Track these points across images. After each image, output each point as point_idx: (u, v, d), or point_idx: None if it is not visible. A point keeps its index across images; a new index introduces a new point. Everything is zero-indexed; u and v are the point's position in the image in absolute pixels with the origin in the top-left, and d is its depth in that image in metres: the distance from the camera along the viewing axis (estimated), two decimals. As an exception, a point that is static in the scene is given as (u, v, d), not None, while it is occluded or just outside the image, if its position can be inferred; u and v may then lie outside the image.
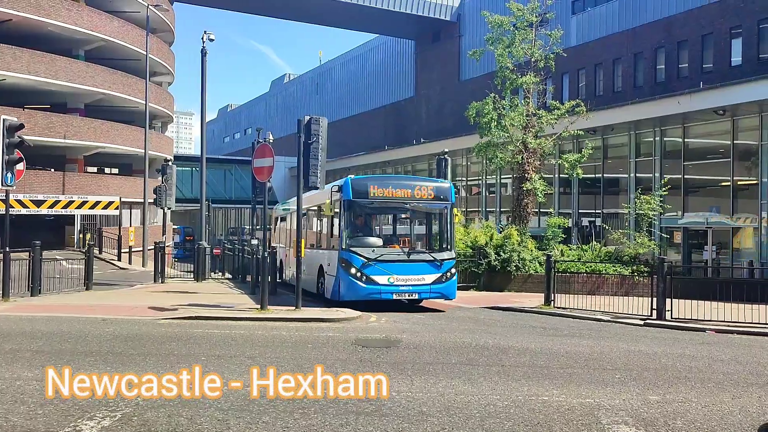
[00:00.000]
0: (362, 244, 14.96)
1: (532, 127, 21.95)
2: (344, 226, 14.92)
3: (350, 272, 14.61)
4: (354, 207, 15.22)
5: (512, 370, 8.47)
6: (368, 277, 14.61)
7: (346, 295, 14.74)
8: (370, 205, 15.65)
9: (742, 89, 24.37)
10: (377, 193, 15.14)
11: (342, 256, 14.77)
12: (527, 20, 21.62)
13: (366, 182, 15.59)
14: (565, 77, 37.49)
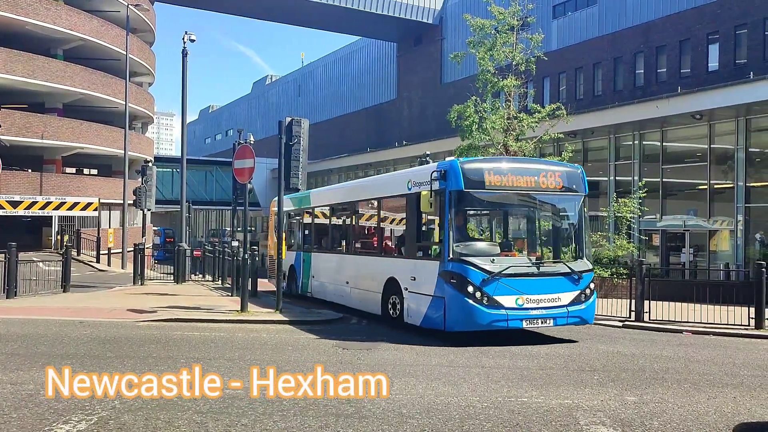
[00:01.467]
0: (476, 252, 11.01)
1: (513, 130, 22.05)
2: (450, 228, 10.85)
3: (465, 291, 10.52)
4: (465, 201, 11.32)
5: (492, 371, 8.51)
6: (490, 297, 10.56)
7: (459, 322, 10.69)
8: (487, 199, 11.68)
9: (718, 94, 24.69)
10: (495, 182, 11.12)
11: (451, 269, 10.72)
12: (509, 24, 21.72)
13: (480, 167, 11.31)
14: (546, 81, 37.73)
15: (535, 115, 21.96)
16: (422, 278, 11.56)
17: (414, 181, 12.06)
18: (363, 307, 13.97)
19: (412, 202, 11.94)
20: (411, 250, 12.21)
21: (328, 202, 17.36)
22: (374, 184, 15.06)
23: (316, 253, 17.42)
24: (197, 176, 55.48)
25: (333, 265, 16.14)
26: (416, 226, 12.05)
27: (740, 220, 25.05)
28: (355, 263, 14.82)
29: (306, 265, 17.80)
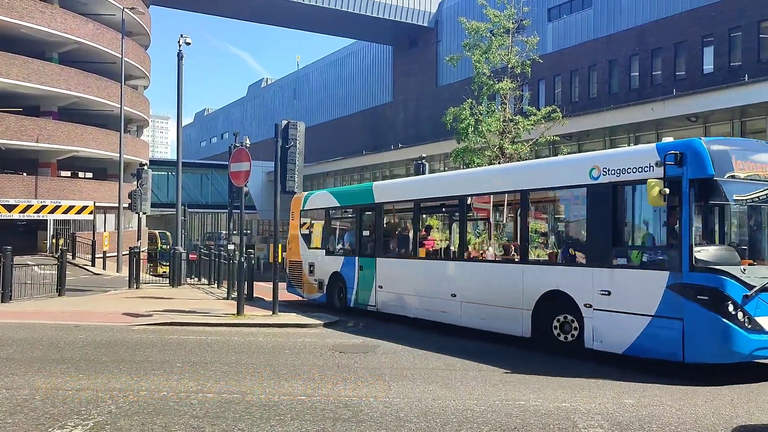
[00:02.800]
0: (723, 260, 8.38)
1: (509, 132, 22.09)
2: (690, 227, 8.39)
3: (722, 310, 8.07)
4: (713, 193, 8.51)
5: (490, 374, 8.50)
6: (752, 319, 8.16)
7: (708, 352, 8.24)
8: (738, 191, 8.70)
9: (713, 96, 24.78)
10: (745, 170, 8.65)
11: (698, 281, 8.23)
12: (504, 27, 21.77)
13: (732, 150, 8.78)
14: (541, 83, 37.82)
15: (531, 117, 22.00)
16: (628, 292, 8.99)
17: (606, 168, 9.50)
18: (486, 326, 11.42)
19: (600, 194, 9.53)
20: (600, 256, 9.50)
21: (410, 196, 14.29)
22: (513, 174, 12.05)
23: (388, 259, 14.38)
24: (193, 179, 55.38)
25: (424, 273, 13.29)
26: (611, 225, 9.41)
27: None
28: (471, 272, 12.10)
29: (366, 273, 14.74)
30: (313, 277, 16.82)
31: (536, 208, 12.04)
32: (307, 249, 17.23)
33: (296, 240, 17.78)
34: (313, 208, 17.57)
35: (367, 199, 15.44)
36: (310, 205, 17.60)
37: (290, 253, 18.05)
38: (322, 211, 17.24)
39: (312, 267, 16.92)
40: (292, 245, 17.98)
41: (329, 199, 17.07)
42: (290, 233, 18.18)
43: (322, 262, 16.56)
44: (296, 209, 17.90)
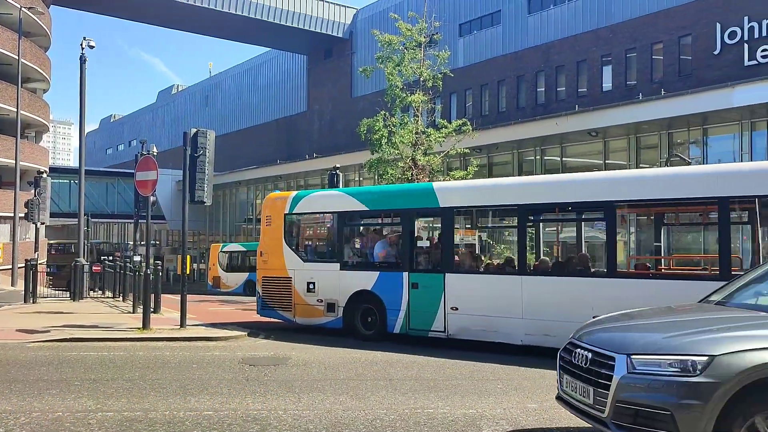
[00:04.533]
0: None
1: (422, 144, 22.49)
2: None
3: None
4: None
5: (400, 383, 8.58)
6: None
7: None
8: None
9: (612, 113, 26.18)
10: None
11: None
12: (416, 40, 22.21)
13: None
14: (453, 96, 38.76)
15: (443, 130, 22.49)
16: None
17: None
18: None
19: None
20: None
21: (510, 201, 12.08)
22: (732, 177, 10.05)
23: (470, 275, 12.25)
24: (98, 188, 53.07)
25: (546, 293, 11.06)
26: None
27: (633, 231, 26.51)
28: (631, 290, 10.05)
29: (424, 292, 12.27)
30: (315, 297, 13.69)
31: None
32: (302, 262, 14.13)
33: (278, 251, 14.39)
34: (311, 211, 14.71)
35: (425, 202, 12.85)
36: (303, 208, 14.52)
37: (266, 267, 14.74)
38: (327, 216, 14.46)
39: (312, 285, 13.76)
40: (270, 257, 14.59)
41: (345, 201, 14.06)
42: (265, 242, 14.88)
43: (332, 278, 13.50)
44: (275, 213, 14.71)
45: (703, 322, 5.51)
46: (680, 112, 23.84)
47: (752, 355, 4.57)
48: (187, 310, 13.95)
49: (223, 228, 53.61)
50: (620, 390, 4.80)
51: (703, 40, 27.79)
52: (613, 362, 4.91)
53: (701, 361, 4.60)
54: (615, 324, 5.82)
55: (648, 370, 4.76)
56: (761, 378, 4.52)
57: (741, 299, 5.95)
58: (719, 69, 26.70)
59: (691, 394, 4.56)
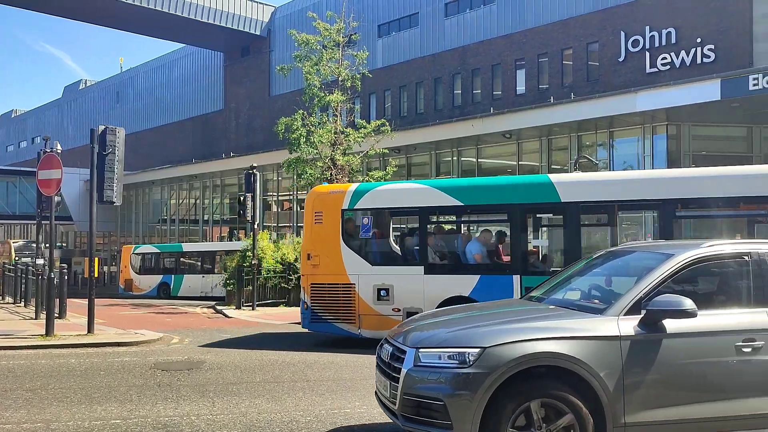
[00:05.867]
0: None
1: (340, 144, 22.47)
2: None
3: None
4: None
5: (317, 384, 8.53)
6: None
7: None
8: None
9: (525, 115, 27.05)
10: None
11: None
12: (334, 40, 22.17)
13: None
14: (372, 97, 38.96)
15: (362, 130, 22.55)
16: None
17: None
18: None
19: None
20: None
21: (648, 195, 11.03)
22: None
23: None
24: (-3, 187, 50.11)
25: None
26: None
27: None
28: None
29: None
30: (390, 306, 11.93)
31: None
32: (369, 266, 12.29)
33: (335, 253, 12.42)
34: (381, 207, 12.73)
35: (541, 197, 11.64)
36: (369, 203, 12.56)
37: (316, 272, 12.49)
38: (404, 212, 13.17)
39: (385, 292, 12.00)
40: (323, 261, 12.48)
41: (433, 195, 12.30)
42: (314, 244, 12.70)
43: (414, 284, 11.85)
44: (329, 209, 12.67)
45: (493, 316, 5.74)
46: (588, 115, 24.91)
47: (521, 346, 4.81)
48: (96, 315, 13.37)
49: (136, 229, 51.74)
50: (407, 382, 4.96)
51: (609, 48, 29.14)
52: (405, 356, 5.08)
53: (474, 353, 4.81)
54: (424, 321, 6.03)
55: (431, 362, 4.95)
56: (529, 367, 4.78)
57: (554, 294, 6.19)
58: (624, 75, 28.08)
59: (462, 385, 4.77)
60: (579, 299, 5.98)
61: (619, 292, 5.43)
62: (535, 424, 4.80)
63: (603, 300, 5.59)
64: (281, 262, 21.49)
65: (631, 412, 4.86)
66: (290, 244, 22.71)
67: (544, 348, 4.85)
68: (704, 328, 5.08)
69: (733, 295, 5.54)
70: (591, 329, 4.99)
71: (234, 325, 16.51)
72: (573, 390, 4.85)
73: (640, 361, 4.93)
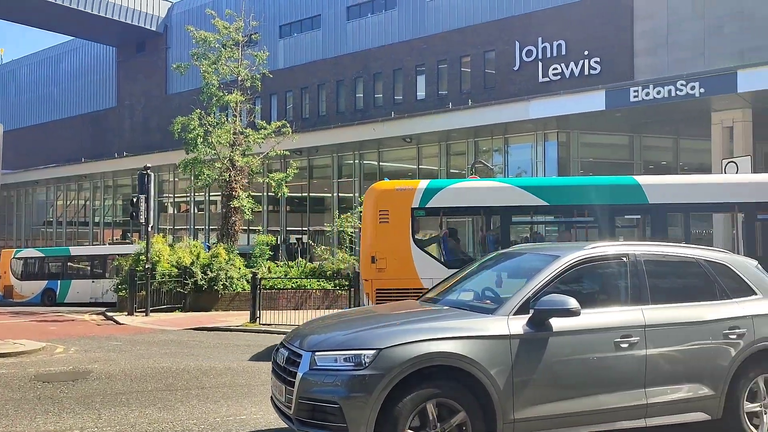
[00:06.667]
0: None
1: (240, 145, 22.06)
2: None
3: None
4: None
5: (212, 391, 8.30)
6: None
7: None
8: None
9: (424, 120, 27.59)
10: None
11: None
12: (234, 39, 21.74)
13: None
14: (273, 98, 38.47)
15: (262, 131, 22.24)
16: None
17: None
18: None
19: None
20: None
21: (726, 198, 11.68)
22: None
23: None
24: None
25: None
26: None
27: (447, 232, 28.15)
28: None
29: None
30: None
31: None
32: (444, 269, 11.05)
33: (405, 255, 11.46)
34: (457, 205, 12.01)
35: (628, 198, 11.79)
36: (443, 201, 11.79)
37: (383, 277, 11.28)
38: (485, 211, 12.21)
39: None
40: (390, 264, 11.38)
41: (515, 194, 11.86)
42: (379, 245, 11.53)
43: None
44: (396, 207, 11.69)
45: (390, 317, 5.77)
46: (485, 122, 25.75)
47: (416, 347, 4.88)
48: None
49: (18, 232, 48.47)
50: (302, 386, 4.94)
51: (504, 57, 30.24)
52: (300, 359, 5.07)
53: (369, 355, 4.84)
54: (321, 323, 6.09)
55: (327, 365, 4.94)
56: (423, 368, 4.87)
57: (449, 296, 6.30)
58: (518, 84, 29.23)
59: (358, 387, 4.78)
60: (472, 300, 6.15)
61: (509, 292, 5.62)
62: (430, 423, 4.88)
63: (494, 300, 5.78)
64: (177, 266, 20.76)
65: (520, 408, 5.05)
66: (186, 248, 22.00)
67: (437, 348, 4.94)
68: (587, 325, 5.36)
69: (613, 294, 5.87)
70: (482, 329, 5.14)
71: (125, 332, 15.79)
72: (465, 388, 4.97)
73: (528, 358, 5.13)
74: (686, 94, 19.79)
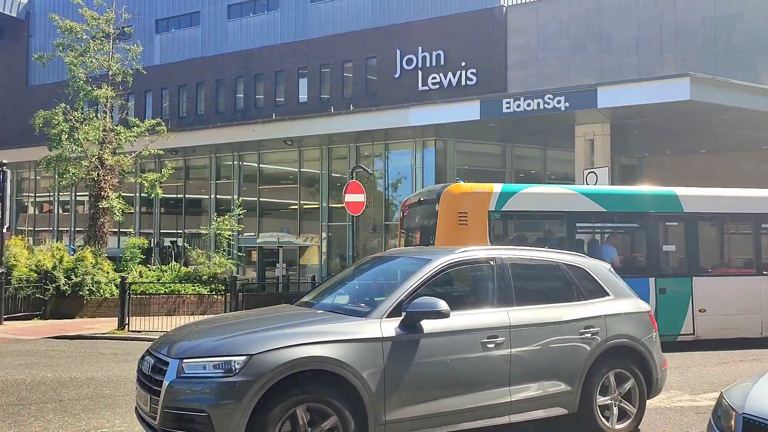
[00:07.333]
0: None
1: (110, 143, 20.92)
2: None
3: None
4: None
5: (71, 404, 7.79)
6: None
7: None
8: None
9: (306, 123, 27.42)
10: None
11: None
12: (104, 31, 20.59)
13: None
14: (148, 95, 36.82)
15: (134, 129, 21.24)
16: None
17: None
18: None
19: None
20: None
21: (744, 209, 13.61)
22: None
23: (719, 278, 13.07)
24: None
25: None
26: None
27: (324, 237, 28.19)
28: None
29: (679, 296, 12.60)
30: None
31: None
32: None
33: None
34: (529, 210, 12.81)
35: (669, 207, 13.16)
36: (517, 205, 12.50)
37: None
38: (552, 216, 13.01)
39: None
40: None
41: (579, 200, 12.86)
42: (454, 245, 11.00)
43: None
44: (474, 209, 12.24)
45: (263, 322, 5.73)
46: (366, 127, 26.02)
47: (288, 352, 4.85)
48: None
49: None
50: (168, 395, 4.77)
51: (386, 64, 30.74)
52: (167, 367, 4.91)
53: (240, 361, 4.75)
54: (191, 330, 5.96)
55: (195, 373, 4.80)
56: (295, 372, 4.85)
57: (324, 299, 6.36)
58: (399, 91, 29.80)
59: (227, 394, 4.67)
60: (347, 303, 6.19)
61: (383, 295, 5.71)
62: (300, 429, 4.85)
63: (368, 303, 5.84)
64: (36, 271, 19.32)
65: (392, 409, 5.13)
66: (48, 251, 20.54)
67: (309, 352, 4.93)
68: (456, 327, 5.54)
69: (482, 296, 6.12)
70: (355, 332, 5.18)
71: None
72: (337, 392, 4.99)
73: (399, 360, 5.23)
74: (553, 107, 21.01)
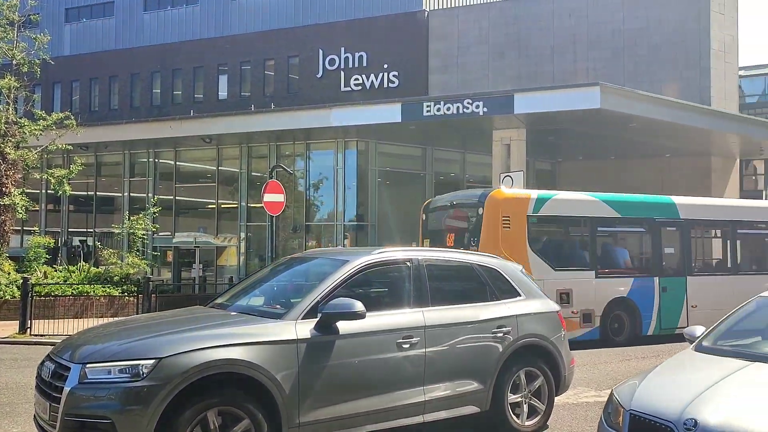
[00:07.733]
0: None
1: (13, 136, 19.77)
2: None
3: None
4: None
5: None
6: None
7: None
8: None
9: (225, 121, 26.81)
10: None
11: None
12: (7, 18, 19.45)
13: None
14: (57, 87, 35.12)
15: (41, 122, 20.17)
16: None
17: None
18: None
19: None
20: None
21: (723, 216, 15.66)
22: None
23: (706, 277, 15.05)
24: None
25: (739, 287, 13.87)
26: None
27: (243, 237, 27.70)
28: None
29: (676, 293, 14.32)
30: (569, 309, 12.90)
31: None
32: (552, 270, 13.06)
33: (522, 258, 12.21)
34: (560, 214, 13.73)
35: (668, 213, 14.68)
36: (550, 210, 13.52)
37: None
38: (577, 220, 14.07)
39: (566, 295, 13.03)
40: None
41: (599, 206, 14.04)
42: (503, 248, 12.36)
43: (588, 287, 13.45)
44: (515, 213, 13.10)
45: (173, 324, 5.55)
46: (287, 126, 25.71)
47: (198, 355, 4.71)
48: None
49: None
50: (69, 402, 4.56)
51: (308, 63, 30.55)
52: (68, 373, 4.70)
53: (148, 365, 4.58)
54: (96, 332, 5.75)
55: (99, 378, 4.60)
56: (207, 376, 4.72)
57: (239, 301, 6.23)
58: (321, 91, 29.68)
59: (133, 400, 4.50)
60: (262, 305, 6.09)
61: (299, 296, 5.66)
62: None
63: (284, 305, 5.78)
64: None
65: (306, 411, 5.09)
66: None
67: (221, 355, 4.82)
68: (372, 328, 5.55)
69: (398, 297, 6.15)
70: (269, 334, 5.10)
71: None
72: (250, 395, 4.90)
73: (314, 362, 5.19)
74: (471, 112, 21.43)
